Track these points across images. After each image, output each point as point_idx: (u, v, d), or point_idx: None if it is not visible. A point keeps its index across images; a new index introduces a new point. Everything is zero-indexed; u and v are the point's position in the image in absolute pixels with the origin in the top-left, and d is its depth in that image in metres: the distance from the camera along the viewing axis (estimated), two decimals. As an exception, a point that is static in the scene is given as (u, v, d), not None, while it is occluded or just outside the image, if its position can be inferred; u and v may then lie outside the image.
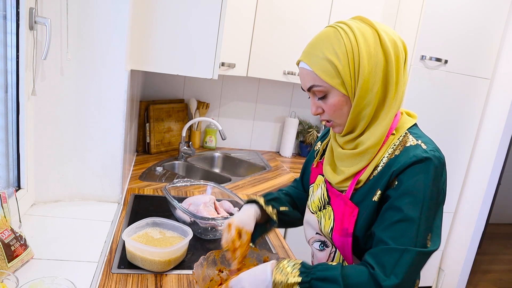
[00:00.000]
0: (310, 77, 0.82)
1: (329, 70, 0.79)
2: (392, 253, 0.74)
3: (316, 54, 0.80)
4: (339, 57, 0.78)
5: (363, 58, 0.78)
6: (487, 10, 2.28)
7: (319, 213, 0.93)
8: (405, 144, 0.81)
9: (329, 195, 0.92)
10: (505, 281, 3.19)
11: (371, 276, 0.73)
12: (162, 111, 2.23)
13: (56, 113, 1.29)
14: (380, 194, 0.80)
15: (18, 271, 0.95)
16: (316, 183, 0.99)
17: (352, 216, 0.84)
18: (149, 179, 1.82)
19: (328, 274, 0.75)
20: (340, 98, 0.81)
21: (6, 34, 1.12)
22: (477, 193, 2.54)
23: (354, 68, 0.78)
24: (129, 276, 1.02)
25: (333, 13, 2.20)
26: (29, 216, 1.24)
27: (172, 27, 1.41)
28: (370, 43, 0.78)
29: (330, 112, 0.84)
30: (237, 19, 2.02)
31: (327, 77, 0.79)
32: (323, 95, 0.83)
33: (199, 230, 1.26)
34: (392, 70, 0.79)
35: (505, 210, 4.40)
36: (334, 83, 0.79)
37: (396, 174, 0.78)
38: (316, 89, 0.82)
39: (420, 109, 2.33)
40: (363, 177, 0.84)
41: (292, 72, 2.25)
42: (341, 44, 0.78)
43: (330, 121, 0.87)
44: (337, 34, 0.79)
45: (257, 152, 2.61)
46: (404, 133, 0.84)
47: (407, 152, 0.78)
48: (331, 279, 0.74)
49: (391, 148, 0.83)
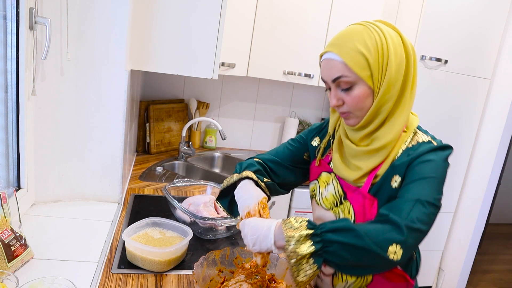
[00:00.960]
0: (339, 67, 0.83)
1: (360, 61, 0.81)
2: (406, 202, 0.77)
3: (347, 46, 0.82)
4: (371, 51, 0.81)
5: (391, 55, 0.81)
6: (487, 10, 2.27)
7: (336, 208, 0.94)
8: (418, 140, 0.87)
9: (344, 191, 0.93)
10: (505, 281, 3.19)
11: (386, 220, 0.76)
12: (162, 111, 2.23)
13: (56, 113, 1.29)
14: (401, 180, 0.84)
15: (18, 271, 0.95)
16: (323, 181, 0.99)
17: (373, 208, 0.87)
18: (149, 179, 1.82)
19: (339, 225, 0.76)
20: (366, 90, 0.83)
21: (6, 34, 1.12)
22: (477, 193, 2.53)
23: (383, 63, 0.81)
24: (129, 276, 1.02)
25: (333, 13, 2.20)
26: (29, 216, 1.24)
27: (172, 27, 1.41)
28: (396, 43, 0.83)
29: (352, 103, 0.85)
30: (237, 19, 2.02)
31: (358, 68, 0.81)
32: (348, 86, 0.84)
33: (199, 230, 1.26)
34: (411, 69, 0.85)
35: (505, 210, 4.40)
36: (363, 75, 0.81)
37: (414, 159, 0.83)
38: (344, 80, 0.83)
39: (420, 109, 2.32)
40: (381, 171, 0.87)
41: (292, 72, 2.25)
42: (372, 40, 0.81)
43: (346, 113, 0.88)
44: (367, 30, 0.82)
45: (257, 152, 2.61)
46: (414, 130, 0.89)
47: (422, 146, 0.85)
48: (342, 228, 0.75)
49: (404, 144, 0.87)
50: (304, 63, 2.25)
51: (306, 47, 2.22)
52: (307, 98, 2.68)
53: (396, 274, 0.92)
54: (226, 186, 1.01)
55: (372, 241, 0.73)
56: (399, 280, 0.93)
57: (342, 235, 0.74)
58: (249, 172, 0.99)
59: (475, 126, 2.50)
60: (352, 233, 0.74)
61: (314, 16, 2.19)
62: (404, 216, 0.75)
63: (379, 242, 0.73)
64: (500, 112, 2.39)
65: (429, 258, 2.72)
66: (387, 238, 0.74)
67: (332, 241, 0.74)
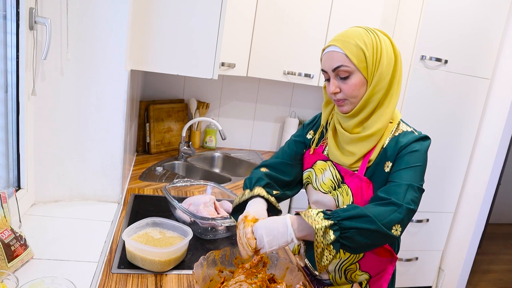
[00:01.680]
0: (340, 58, 0.97)
1: (358, 54, 0.96)
2: (400, 186, 0.92)
3: (349, 41, 0.97)
4: (367, 47, 0.96)
5: (384, 53, 0.97)
6: (487, 10, 2.27)
7: (334, 192, 1.06)
8: (403, 129, 1.03)
9: (342, 175, 1.05)
10: (505, 281, 3.19)
11: (389, 203, 0.90)
12: (162, 111, 2.23)
13: (56, 113, 1.29)
14: (392, 165, 0.98)
15: (18, 271, 0.95)
16: (318, 168, 1.11)
17: (369, 190, 1.00)
18: (149, 179, 1.82)
19: (353, 213, 0.88)
20: (361, 79, 0.97)
21: (6, 34, 1.12)
22: (477, 193, 2.53)
23: (377, 58, 0.97)
24: (129, 276, 1.02)
25: (333, 13, 2.20)
26: (29, 216, 1.24)
27: (172, 27, 1.41)
28: (387, 45, 0.99)
29: (349, 91, 0.98)
30: (237, 19, 2.02)
31: (356, 59, 0.95)
32: (346, 75, 0.97)
33: (199, 230, 1.26)
34: (398, 69, 1.00)
35: (505, 210, 4.40)
36: (360, 66, 0.96)
37: (403, 148, 0.98)
38: (343, 69, 0.97)
39: (420, 109, 2.33)
40: (373, 156, 1.01)
41: (292, 72, 2.25)
42: (369, 38, 0.97)
43: (341, 100, 1.01)
44: (365, 31, 0.98)
45: (257, 152, 2.61)
46: (398, 122, 1.04)
47: (406, 135, 1.00)
48: (357, 215, 0.87)
49: (391, 133, 1.03)
50: (304, 63, 2.25)
51: (306, 47, 2.22)
52: (307, 98, 2.68)
53: (384, 250, 1.04)
54: (238, 202, 1.09)
55: (381, 223, 0.86)
56: (386, 255, 1.05)
57: (357, 221, 0.86)
58: (259, 189, 1.09)
59: (475, 126, 2.50)
60: (366, 218, 0.86)
61: (314, 16, 2.19)
62: (401, 198, 0.90)
63: (386, 223, 0.87)
64: (500, 112, 2.39)
65: (429, 258, 2.72)
66: (391, 219, 0.88)
67: (348, 228, 0.86)
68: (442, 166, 2.50)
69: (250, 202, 1.07)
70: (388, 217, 0.88)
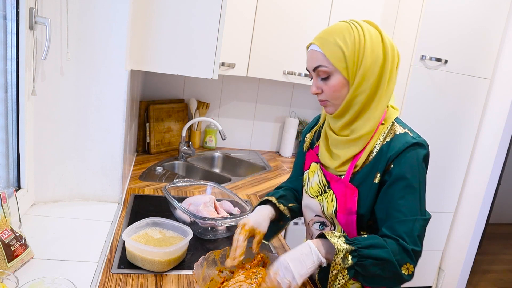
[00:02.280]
0: (319, 58, 0.92)
1: (337, 54, 0.89)
2: (406, 223, 0.87)
3: (328, 39, 0.91)
4: (348, 45, 0.89)
5: (367, 51, 0.89)
6: (487, 10, 2.27)
7: (320, 197, 1.02)
8: (395, 132, 0.94)
9: (328, 180, 1.01)
10: (505, 281, 3.19)
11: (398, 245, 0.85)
12: (162, 111, 2.23)
13: (56, 113, 1.29)
14: (380, 176, 0.92)
15: (18, 271, 0.95)
16: (311, 170, 1.07)
17: (354, 196, 0.94)
18: (149, 179, 1.82)
19: (373, 242, 0.85)
20: (341, 80, 0.91)
21: (6, 34, 1.12)
22: (477, 193, 2.53)
23: (359, 57, 0.89)
24: (129, 276, 1.02)
25: (333, 13, 2.20)
26: (29, 216, 1.24)
27: (172, 27, 1.41)
28: (374, 41, 0.90)
29: (329, 92, 0.93)
30: (237, 19, 2.02)
31: (334, 59, 0.90)
32: (326, 76, 0.92)
33: (199, 230, 1.26)
34: (387, 68, 0.91)
35: (505, 210, 4.40)
36: (339, 66, 0.90)
37: (392, 158, 0.90)
38: (322, 69, 0.92)
39: (420, 109, 2.33)
40: (360, 162, 0.94)
41: (292, 72, 2.25)
42: (351, 36, 0.89)
43: (324, 101, 0.96)
44: (348, 27, 0.91)
45: (257, 152, 2.61)
46: (391, 123, 0.96)
47: (398, 139, 0.92)
48: (377, 245, 0.85)
49: (382, 135, 0.94)
50: (304, 63, 2.24)
51: (306, 47, 2.22)
52: (307, 98, 2.68)
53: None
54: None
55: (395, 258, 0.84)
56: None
57: (376, 250, 0.84)
58: (270, 197, 1.09)
59: (475, 126, 2.50)
60: (384, 249, 0.84)
61: (314, 16, 2.19)
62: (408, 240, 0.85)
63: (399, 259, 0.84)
64: (500, 112, 2.39)
65: (429, 258, 2.72)
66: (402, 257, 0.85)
67: (366, 256, 0.84)
68: (442, 166, 2.50)
69: (256, 209, 1.07)
70: (399, 255, 0.84)
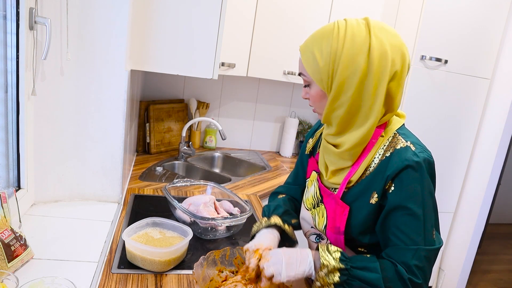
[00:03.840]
0: (301, 65, 0.90)
1: (313, 65, 0.85)
2: (406, 253, 0.80)
3: (308, 47, 0.87)
4: (323, 56, 0.83)
5: (343, 63, 0.81)
6: (487, 10, 2.27)
7: (313, 210, 0.98)
8: (395, 146, 0.85)
9: (321, 194, 0.96)
10: (505, 281, 3.19)
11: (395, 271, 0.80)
12: (162, 111, 2.22)
13: (56, 113, 1.29)
14: (378, 197, 0.85)
15: (18, 271, 0.95)
16: (310, 179, 1.03)
17: (343, 215, 0.88)
18: (149, 179, 1.82)
19: (367, 265, 0.81)
20: (318, 91, 0.88)
21: (6, 34, 1.12)
22: (477, 193, 2.53)
23: (333, 69, 0.82)
24: (129, 276, 1.02)
25: (333, 13, 2.20)
26: (29, 216, 1.24)
27: (172, 27, 1.41)
28: (356, 50, 0.80)
29: (312, 100, 0.92)
30: (237, 19, 2.02)
31: (310, 70, 0.86)
32: (307, 84, 0.91)
33: (199, 230, 1.26)
34: (370, 81, 0.81)
35: (505, 210, 4.39)
36: (314, 78, 0.86)
37: (391, 178, 0.82)
38: (303, 77, 0.91)
39: (420, 109, 2.33)
40: (354, 177, 0.87)
41: (292, 72, 2.25)
42: (328, 44, 0.83)
43: (312, 106, 0.94)
44: (331, 33, 0.83)
45: (257, 152, 2.61)
46: (393, 134, 0.87)
47: (398, 155, 0.82)
48: (370, 268, 0.81)
49: (381, 149, 0.86)
50: (304, 63, 2.25)
51: (306, 47, 2.22)
52: (307, 98, 2.67)
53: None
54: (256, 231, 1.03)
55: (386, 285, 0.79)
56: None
57: (368, 274, 0.80)
58: (276, 218, 1.02)
59: (475, 126, 2.50)
60: (377, 275, 0.80)
61: (314, 16, 2.19)
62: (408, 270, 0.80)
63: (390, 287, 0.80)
64: (500, 112, 2.39)
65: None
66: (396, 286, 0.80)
67: (356, 277, 0.81)
68: (442, 166, 2.49)
69: (261, 232, 1.00)
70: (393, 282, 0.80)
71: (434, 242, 0.82)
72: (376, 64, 0.80)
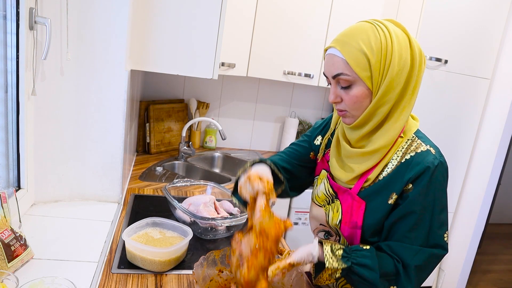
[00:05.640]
0: (340, 64, 0.82)
1: (362, 61, 0.80)
2: (409, 251, 0.82)
3: (351, 44, 0.81)
4: (374, 52, 0.79)
5: (395, 58, 0.80)
6: (487, 10, 2.27)
7: (328, 206, 0.97)
8: (416, 149, 0.85)
9: (335, 191, 0.95)
10: (505, 281, 3.19)
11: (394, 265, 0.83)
12: (162, 111, 2.22)
13: (56, 113, 1.29)
14: (396, 198, 0.85)
15: (18, 271, 0.95)
16: (320, 178, 1.02)
17: (360, 210, 0.89)
18: (149, 179, 1.82)
19: (368, 262, 0.83)
20: (364, 91, 0.82)
21: (6, 34, 1.12)
22: (477, 193, 2.53)
23: (385, 65, 0.80)
24: (129, 276, 1.02)
25: (333, 13, 2.20)
26: (29, 216, 1.24)
27: (172, 27, 1.41)
28: (402, 45, 0.81)
29: (350, 102, 0.84)
30: (237, 19, 2.02)
31: (358, 68, 0.80)
32: (348, 85, 0.83)
33: (199, 230, 1.26)
34: (414, 74, 0.82)
35: (505, 210, 4.40)
36: (363, 76, 0.80)
37: (412, 180, 0.83)
38: (343, 78, 0.82)
39: (420, 109, 2.32)
40: (372, 176, 0.87)
41: (292, 72, 2.25)
42: (377, 40, 0.80)
43: (343, 111, 0.88)
44: (374, 29, 0.81)
45: (257, 152, 2.61)
46: (411, 136, 0.88)
47: (420, 158, 0.84)
48: (370, 266, 0.83)
49: (400, 150, 0.86)
50: (304, 63, 2.25)
51: (306, 47, 2.22)
52: (307, 98, 2.68)
53: None
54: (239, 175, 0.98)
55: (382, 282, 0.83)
56: None
57: (368, 272, 0.83)
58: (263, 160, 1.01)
59: (475, 126, 2.50)
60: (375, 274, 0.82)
61: (314, 16, 2.19)
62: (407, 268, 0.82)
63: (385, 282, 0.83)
64: (500, 112, 2.39)
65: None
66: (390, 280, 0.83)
67: (356, 273, 0.84)
68: (442, 166, 2.49)
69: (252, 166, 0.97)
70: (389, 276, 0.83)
71: (444, 245, 0.84)
72: (416, 57, 0.82)
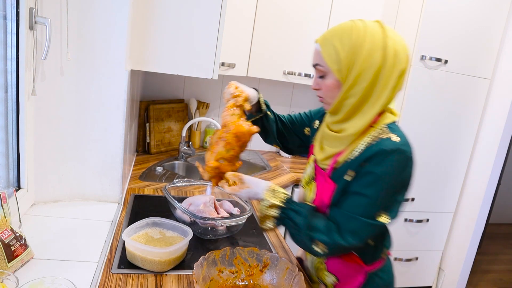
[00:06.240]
0: (317, 56, 0.96)
1: (333, 55, 0.92)
2: (344, 217, 0.92)
3: (328, 39, 0.94)
4: (344, 48, 0.90)
5: (363, 56, 0.89)
6: (487, 10, 2.27)
7: (307, 187, 1.10)
8: (380, 136, 0.93)
9: (315, 173, 1.07)
10: (505, 281, 3.19)
11: (326, 223, 0.94)
12: (162, 111, 2.23)
13: (56, 113, 1.29)
14: (353, 176, 0.94)
15: (18, 271, 0.95)
16: (309, 162, 1.13)
17: (329, 190, 0.99)
18: (149, 179, 1.82)
19: (300, 209, 0.96)
20: (334, 81, 0.94)
21: (6, 34, 1.12)
22: (477, 193, 2.53)
23: (353, 61, 0.90)
24: (129, 276, 1.02)
25: (333, 13, 2.20)
26: (29, 216, 1.24)
27: (172, 27, 1.41)
28: (375, 45, 0.90)
29: (324, 91, 0.98)
30: (237, 19, 2.02)
31: (329, 60, 0.93)
32: (322, 75, 0.97)
33: (199, 230, 1.26)
34: (383, 75, 0.91)
35: (505, 210, 4.40)
36: (333, 68, 0.93)
37: (366, 159, 0.92)
38: (319, 68, 0.96)
39: (420, 109, 2.33)
40: (341, 158, 0.97)
41: (292, 72, 2.25)
42: (350, 38, 0.90)
43: (320, 97, 1.01)
44: (352, 28, 0.91)
45: (257, 152, 2.61)
46: (383, 126, 0.95)
47: (379, 143, 0.92)
48: (300, 213, 0.95)
49: (368, 137, 0.95)
50: (304, 63, 2.25)
51: (306, 47, 2.22)
52: (307, 98, 2.68)
53: (350, 257, 1.03)
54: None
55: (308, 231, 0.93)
56: (352, 261, 1.04)
57: (297, 217, 0.95)
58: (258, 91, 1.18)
59: (475, 126, 2.50)
60: (305, 219, 0.93)
61: (314, 16, 2.19)
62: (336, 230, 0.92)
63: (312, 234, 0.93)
64: (500, 112, 2.39)
65: (429, 258, 2.72)
66: (319, 235, 0.92)
67: (288, 217, 0.96)
68: (442, 166, 2.50)
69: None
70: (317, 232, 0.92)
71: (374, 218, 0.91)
72: (390, 60, 0.90)
